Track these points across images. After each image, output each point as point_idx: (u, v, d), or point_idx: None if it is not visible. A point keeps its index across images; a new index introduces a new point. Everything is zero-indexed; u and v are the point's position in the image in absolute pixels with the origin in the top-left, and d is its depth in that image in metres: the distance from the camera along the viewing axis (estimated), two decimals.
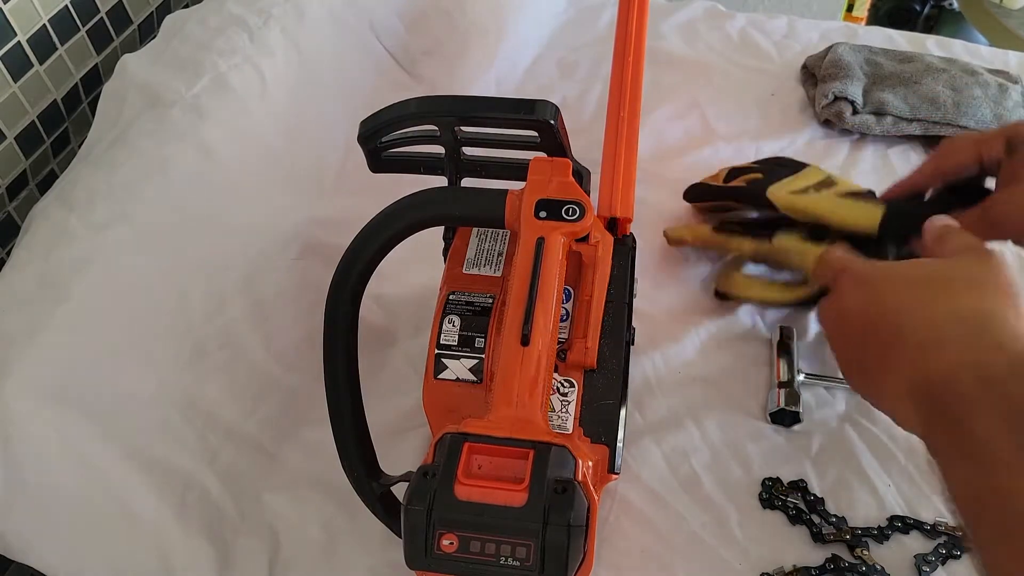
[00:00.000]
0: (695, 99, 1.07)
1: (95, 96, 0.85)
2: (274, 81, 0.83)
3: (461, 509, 0.44)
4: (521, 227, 0.54)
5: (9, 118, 0.78)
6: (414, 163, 0.68)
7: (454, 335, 0.60)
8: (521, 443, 0.47)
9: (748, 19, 1.21)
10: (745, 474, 0.70)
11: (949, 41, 1.17)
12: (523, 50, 1.15)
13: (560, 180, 0.56)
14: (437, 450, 0.48)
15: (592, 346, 0.58)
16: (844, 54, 1.05)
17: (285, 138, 0.84)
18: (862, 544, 0.65)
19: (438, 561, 0.45)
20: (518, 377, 0.49)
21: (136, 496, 0.63)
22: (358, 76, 0.94)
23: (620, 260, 0.64)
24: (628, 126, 0.71)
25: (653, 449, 0.72)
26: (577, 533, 0.44)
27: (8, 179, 0.80)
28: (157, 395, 0.66)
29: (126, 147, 0.73)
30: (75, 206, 0.69)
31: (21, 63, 0.77)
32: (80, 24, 0.83)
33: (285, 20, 0.86)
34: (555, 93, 1.09)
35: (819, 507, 0.68)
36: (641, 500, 0.69)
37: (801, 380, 0.75)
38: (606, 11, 1.23)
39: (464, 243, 0.66)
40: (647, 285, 0.82)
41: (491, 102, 0.63)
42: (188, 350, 0.69)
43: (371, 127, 0.63)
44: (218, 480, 0.68)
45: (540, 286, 0.51)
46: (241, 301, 0.73)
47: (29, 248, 0.67)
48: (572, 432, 0.58)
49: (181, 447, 0.66)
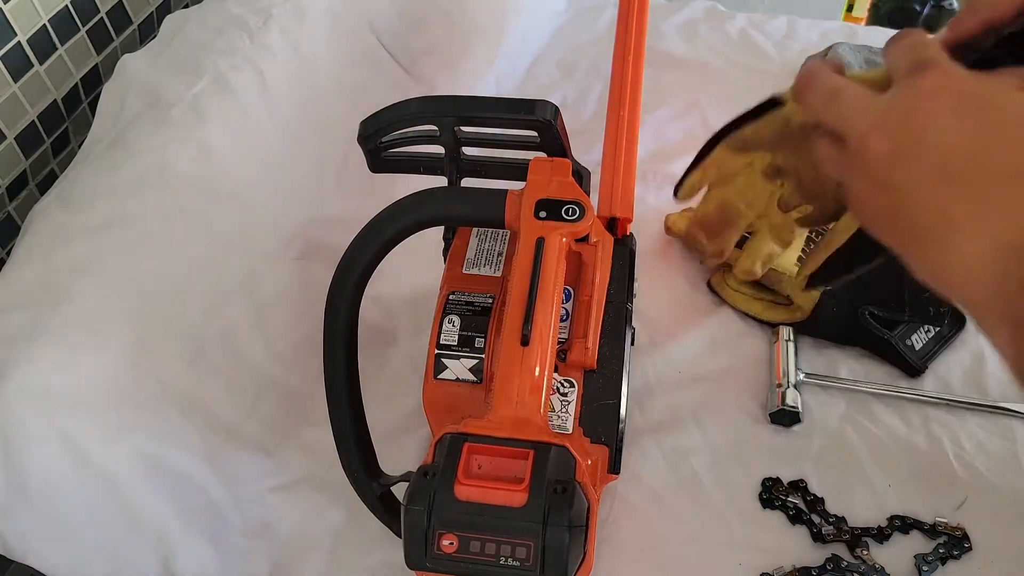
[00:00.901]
0: (695, 99, 1.07)
1: (95, 96, 0.85)
2: (274, 81, 0.83)
3: (461, 509, 0.44)
4: (521, 227, 0.54)
5: (9, 118, 0.78)
6: (414, 163, 0.68)
7: (454, 335, 0.60)
8: (521, 443, 0.47)
9: (748, 19, 1.21)
10: (745, 474, 0.70)
11: None
12: (523, 50, 1.15)
13: (560, 180, 0.56)
14: (437, 450, 0.48)
15: (592, 346, 0.58)
16: (844, 54, 1.05)
17: (285, 138, 0.84)
18: (862, 544, 0.65)
19: (438, 561, 0.45)
20: (518, 377, 0.49)
21: (136, 496, 0.63)
22: (358, 76, 0.94)
23: (620, 260, 0.64)
24: (628, 126, 0.71)
25: (653, 449, 0.72)
26: (577, 533, 0.44)
27: (8, 179, 0.80)
28: (157, 395, 0.66)
29: (126, 147, 0.73)
30: (75, 206, 0.69)
31: (21, 63, 0.77)
32: (80, 24, 0.83)
33: (285, 20, 0.86)
34: (555, 93, 1.10)
35: (819, 507, 0.68)
36: (641, 500, 0.69)
37: (801, 380, 0.75)
38: (606, 11, 1.23)
39: (464, 243, 0.66)
40: (647, 285, 0.82)
41: (491, 102, 0.64)
42: (188, 350, 0.69)
43: (371, 127, 0.63)
44: (218, 480, 0.68)
45: (540, 286, 0.51)
46: (241, 301, 0.73)
47: (29, 248, 0.67)
48: (572, 432, 0.58)
49: (181, 447, 0.66)
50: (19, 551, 0.61)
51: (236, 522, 0.68)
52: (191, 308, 0.70)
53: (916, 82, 0.37)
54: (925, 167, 0.37)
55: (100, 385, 0.63)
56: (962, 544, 0.65)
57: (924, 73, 0.37)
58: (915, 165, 0.37)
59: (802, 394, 0.74)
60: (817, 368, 0.77)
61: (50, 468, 0.59)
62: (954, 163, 0.36)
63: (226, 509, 0.68)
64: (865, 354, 0.78)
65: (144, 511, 0.63)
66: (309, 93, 0.87)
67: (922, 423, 0.73)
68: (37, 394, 0.59)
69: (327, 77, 0.90)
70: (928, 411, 0.74)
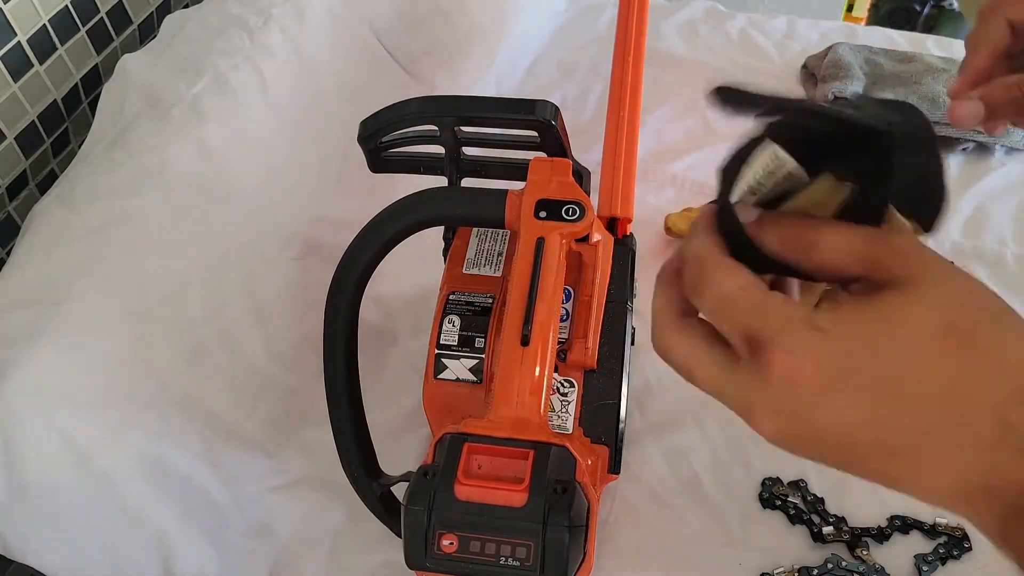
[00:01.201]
0: (695, 99, 1.07)
1: (95, 96, 0.85)
2: (274, 81, 0.83)
3: (461, 509, 0.44)
4: (521, 227, 0.54)
5: (9, 118, 0.77)
6: (414, 163, 0.68)
7: (454, 335, 0.60)
8: (521, 443, 0.47)
9: (748, 19, 1.21)
10: (745, 474, 0.70)
11: (949, 41, 1.17)
12: (523, 50, 1.15)
13: (560, 180, 0.56)
14: (437, 450, 0.48)
15: (592, 346, 0.58)
16: (844, 54, 1.05)
17: (285, 138, 0.84)
18: (862, 544, 0.65)
19: (438, 561, 0.45)
20: (518, 377, 0.49)
21: (136, 496, 0.63)
22: (358, 76, 0.94)
23: (620, 260, 0.64)
24: (628, 126, 0.71)
25: (653, 449, 0.72)
26: (577, 533, 0.44)
27: (8, 179, 0.80)
28: (157, 395, 0.66)
29: (126, 147, 0.73)
30: (75, 206, 0.69)
31: (21, 63, 0.77)
32: (80, 24, 0.83)
33: (285, 20, 0.86)
34: (555, 93, 1.10)
35: (819, 507, 0.68)
36: (641, 500, 0.69)
37: None
38: (606, 11, 1.23)
39: (464, 243, 0.66)
40: (647, 285, 0.81)
41: (491, 102, 0.64)
42: (188, 350, 0.69)
43: (371, 127, 0.63)
44: (218, 480, 0.68)
45: (540, 286, 0.51)
46: (241, 301, 0.73)
47: (29, 248, 0.67)
48: (572, 432, 0.58)
49: (181, 447, 0.66)
50: (19, 551, 0.60)
51: (236, 522, 0.68)
52: (191, 308, 0.70)
53: (762, 365, 0.30)
54: (818, 453, 0.32)
55: (100, 385, 0.63)
56: (962, 544, 0.65)
57: (766, 353, 0.30)
58: (807, 450, 0.32)
59: None
60: None
61: (50, 468, 0.59)
62: (861, 438, 0.30)
63: (226, 509, 0.68)
64: None
65: (144, 511, 0.63)
66: (309, 93, 0.87)
67: None
68: (37, 394, 0.59)
69: (327, 77, 0.90)
70: None
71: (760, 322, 0.30)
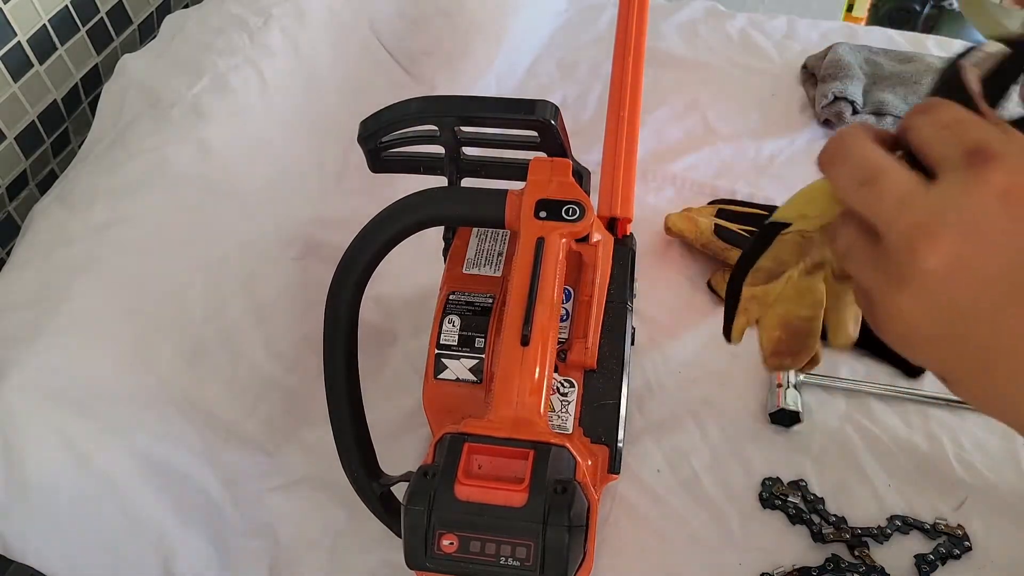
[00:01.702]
0: (695, 99, 1.07)
1: (95, 96, 0.85)
2: (274, 81, 0.83)
3: (461, 509, 0.44)
4: (521, 227, 0.54)
5: (9, 118, 0.77)
6: (414, 163, 0.68)
7: (454, 335, 0.60)
8: (521, 443, 0.47)
9: (748, 19, 1.21)
10: (745, 474, 0.70)
11: (949, 41, 1.17)
12: (523, 50, 1.15)
13: (560, 180, 0.56)
14: (437, 450, 0.48)
15: (592, 346, 0.58)
16: (844, 54, 1.05)
17: (285, 138, 0.84)
18: (862, 544, 0.65)
19: (438, 561, 0.45)
20: (518, 377, 0.49)
21: (136, 496, 0.63)
22: (358, 76, 0.94)
23: (620, 260, 0.64)
24: (628, 126, 0.71)
25: (653, 449, 0.72)
26: (577, 533, 0.44)
27: (8, 179, 0.80)
28: (157, 395, 0.66)
29: (126, 147, 0.73)
30: (75, 206, 0.69)
31: (21, 63, 0.77)
32: (80, 24, 0.83)
33: (285, 20, 0.86)
34: (555, 93, 1.10)
35: (819, 507, 0.68)
36: (641, 500, 0.69)
37: (801, 380, 0.75)
38: (606, 11, 1.23)
39: (464, 243, 0.66)
40: (647, 285, 0.82)
41: (491, 102, 0.63)
42: (188, 350, 0.69)
43: (371, 127, 0.63)
44: (218, 480, 0.68)
45: (540, 286, 0.51)
46: (241, 301, 0.73)
47: (29, 248, 0.67)
48: (572, 432, 0.58)
49: (181, 447, 0.66)
50: (19, 551, 0.60)
51: (236, 522, 0.68)
52: (191, 308, 0.70)
53: (979, 177, 0.29)
54: (1002, 288, 0.29)
55: (100, 385, 0.63)
56: (962, 544, 0.65)
57: (987, 166, 0.29)
58: (985, 285, 0.29)
59: (802, 394, 0.74)
60: (817, 368, 0.77)
61: (50, 468, 0.59)
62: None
63: (226, 509, 0.68)
64: (865, 354, 0.78)
65: (144, 511, 0.63)
66: (309, 93, 0.87)
67: (922, 423, 0.73)
68: (37, 394, 0.59)
69: (327, 77, 0.90)
70: (928, 411, 0.74)
71: (989, 137, 0.30)
